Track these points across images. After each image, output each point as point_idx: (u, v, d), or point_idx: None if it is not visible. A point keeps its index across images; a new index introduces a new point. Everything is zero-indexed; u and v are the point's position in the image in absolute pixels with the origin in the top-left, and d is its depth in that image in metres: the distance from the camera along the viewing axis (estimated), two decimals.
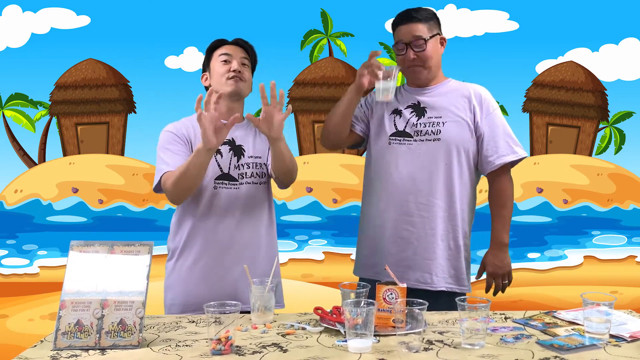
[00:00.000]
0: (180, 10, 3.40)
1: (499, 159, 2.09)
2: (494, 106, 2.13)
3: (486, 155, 2.10)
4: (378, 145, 2.17)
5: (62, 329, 1.55)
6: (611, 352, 1.45)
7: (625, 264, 3.42)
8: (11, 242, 3.41)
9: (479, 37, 3.41)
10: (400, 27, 2.10)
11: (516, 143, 2.13)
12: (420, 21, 2.08)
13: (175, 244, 2.08)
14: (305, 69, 3.48)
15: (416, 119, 2.12)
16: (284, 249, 3.40)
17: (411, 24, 2.08)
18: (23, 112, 3.42)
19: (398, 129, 2.13)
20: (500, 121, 2.12)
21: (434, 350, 1.49)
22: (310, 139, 3.50)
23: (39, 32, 3.39)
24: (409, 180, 2.09)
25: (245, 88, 2.10)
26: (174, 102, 3.36)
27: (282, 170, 2.02)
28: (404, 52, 2.09)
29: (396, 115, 2.15)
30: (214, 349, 1.47)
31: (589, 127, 3.48)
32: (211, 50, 2.13)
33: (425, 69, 2.11)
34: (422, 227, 2.08)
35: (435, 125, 2.09)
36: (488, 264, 2.15)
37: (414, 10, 2.10)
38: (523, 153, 2.12)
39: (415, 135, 2.10)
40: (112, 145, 3.46)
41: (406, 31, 2.08)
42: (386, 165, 2.13)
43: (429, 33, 2.09)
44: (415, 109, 2.13)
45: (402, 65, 2.13)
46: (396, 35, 2.13)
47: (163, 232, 2.17)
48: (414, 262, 2.08)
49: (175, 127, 2.08)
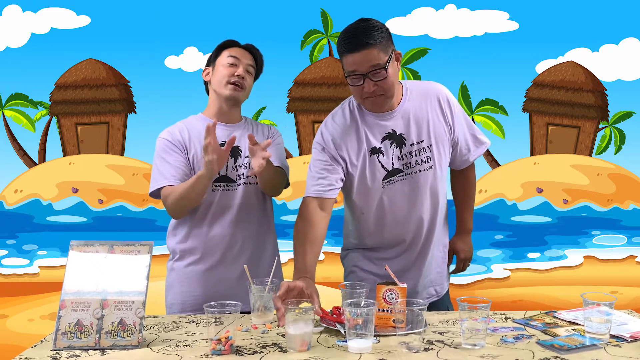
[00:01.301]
0: (180, 10, 3.40)
1: (472, 155, 2.07)
2: (455, 103, 1.99)
3: (461, 154, 2.03)
4: (368, 193, 1.94)
5: (62, 329, 1.55)
6: (611, 353, 1.45)
7: (625, 264, 3.42)
8: (11, 242, 3.41)
9: (479, 37, 3.41)
10: (351, 55, 1.78)
11: (479, 132, 2.07)
12: (375, 46, 1.77)
13: (175, 244, 2.08)
14: (305, 69, 3.48)
15: (398, 150, 1.91)
16: (284, 249, 3.39)
17: (365, 50, 1.76)
18: (23, 112, 3.42)
19: (387, 170, 1.91)
20: (463, 116, 2.02)
21: (434, 350, 1.49)
22: (310, 139, 3.50)
23: (39, 32, 3.39)
24: (408, 216, 1.95)
25: (242, 96, 2.11)
26: (174, 102, 3.36)
27: (265, 188, 2.09)
28: (361, 83, 1.81)
29: (377, 155, 1.90)
30: (214, 349, 1.47)
31: (589, 127, 3.48)
32: (221, 48, 2.13)
33: (387, 97, 1.85)
34: (424, 254, 2.01)
35: (422, 153, 1.91)
36: (460, 250, 2.20)
37: (364, 34, 1.77)
38: (487, 141, 2.08)
39: (405, 169, 1.91)
40: (112, 145, 3.46)
41: (360, 60, 1.77)
42: (379, 209, 1.95)
43: (386, 56, 1.79)
44: (392, 139, 1.90)
45: (358, 97, 1.87)
46: (347, 65, 1.81)
47: (163, 232, 2.17)
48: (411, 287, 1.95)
49: (171, 133, 2.08)
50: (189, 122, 2.11)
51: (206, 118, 2.10)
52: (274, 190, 2.11)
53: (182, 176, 2.00)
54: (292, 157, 3.43)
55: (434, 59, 3.42)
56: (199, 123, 2.09)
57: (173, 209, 2.02)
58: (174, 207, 2.00)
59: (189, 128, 2.08)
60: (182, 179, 2.00)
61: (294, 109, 3.49)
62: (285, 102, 3.48)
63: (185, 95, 3.36)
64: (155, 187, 2.02)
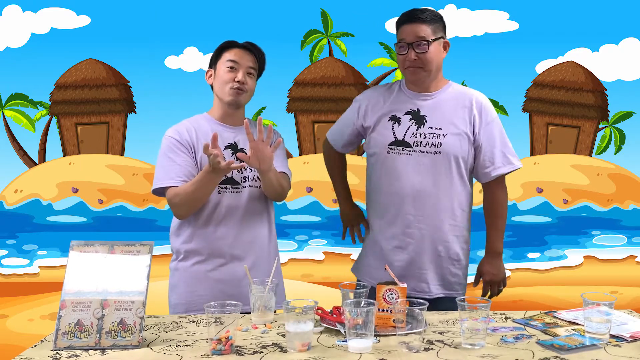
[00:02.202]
0: (180, 10, 3.40)
1: (495, 170, 2.09)
2: (492, 116, 2.11)
3: (483, 166, 2.10)
4: (375, 154, 2.13)
5: (62, 329, 1.55)
6: (611, 352, 1.45)
7: (625, 264, 3.42)
8: (11, 242, 3.41)
9: (479, 37, 3.41)
10: (404, 26, 2.05)
11: (512, 153, 2.12)
12: (425, 22, 2.03)
13: (179, 244, 2.08)
14: (305, 69, 3.48)
15: (415, 127, 2.07)
16: (284, 249, 3.40)
17: (416, 24, 2.03)
18: (23, 112, 3.42)
19: (397, 138, 2.08)
20: (498, 131, 2.11)
21: (434, 350, 1.49)
22: (310, 139, 3.50)
23: (39, 32, 3.39)
24: (411, 193, 2.06)
25: (245, 99, 2.11)
26: (174, 102, 3.36)
27: (270, 194, 2.08)
28: (405, 52, 2.05)
29: (394, 123, 2.09)
30: (214, 349, 1.48)
31: (589, 127, 3.48)
32: (220, 51, 2.11)
33: (425, 71, 2.06)
34: (428, 238, 2.07)
35: (436, 137, 2.05)
36: (485, 272, 2.18)
37: (420, 11, 2.05)
38: (518, 164, 2.13)
39: (415, 146, 2.06)
40: (112, 145, 3.46)
41: (410, 31, 2.03)
42: (386, 175, 2.10)
43: (433, 35, 2.04)
44: (414, 116, 2.08)
45: (402, 66, 2.10)
46: (399, 34, 2.08)
47: (163, 232, 2.17)
48: (411, 272, 2.08)
49: (178, 132, 2.07)
50: (196, 122, 2.11)
51: (212, 119, 2.11)
52: (277, 195, 2.10)
53: (187, 177, 2.01)
54: (292, 157, 3.43)
55: None
56: (206, 124, 2.10)
57: (181, 211, 2.02)
58: (181, 209, 2.01)
59: (197, 128, 2.08)
60: (188, 179, 2.00)
61: (294, 109, 3.49)
62: (285, 102, 3.48)
63: (185, 95, 3.36)
64: (158, 186, 2.02)
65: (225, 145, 2.05)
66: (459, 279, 2.14)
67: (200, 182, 1.94)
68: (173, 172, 2.01)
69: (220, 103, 2.10)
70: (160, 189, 2.03)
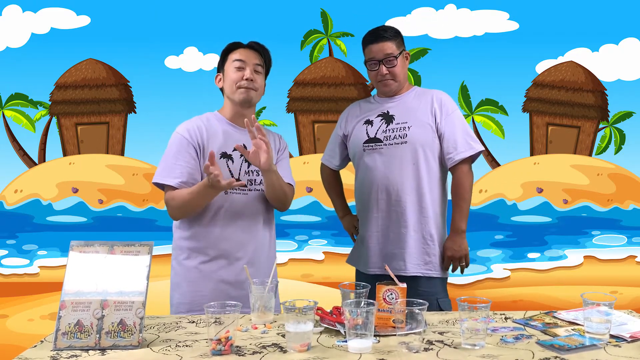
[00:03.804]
0: (180, 10, 3.41)
1: (458, 154, 2.29)
2: (452, 108, 2.33)
3: (447, 152, 2.30)
4: (355, 155, 2.40)
5: (62, 329, 1.55)
6: (611, 353, 1.45)
7: (625, 264, 3.42)
8: (11, 242, 3.41)
9: (479, 37, 3.42)
10: (371, 45, 2.32)
11: (474, 139, 2.32)
12: (390, 40, 2.30)
13: (183, 242, 2.09)
14: (305, 69, 3.48)
15: (385, 125, 2.33)
16: (284, 249, 3.40)
17: (382, 42, 2.30)
18: (23, 112, 3.42)
19: (370, 137, 2.34)
20: (458, 121, 2.32)
21: (434, 350, 1.49)
22: (310, 139, 3.50)
23: (39, 32, 3.39)
24: (383, 180, 2.29)
25: (256, 96, 2.13)
26: (174, 102, 3.36)
27: (273, 198, 2.10)
28: (377, 68, 2.32)
29: (368, 125, 2.36)
30: (214, 349, 1.48)
31: (589, 127, 3.48)
32: (226, 53, 2.14)
33: (396, 82, 2.33)
34: (397, 220, 2.28)
35: (402, 130, 2.30)
36: (447, 248, 2.32)
37: (383, 30, 2.33)
38: (479, 147, 2.31)
39: (385, 140, 2.32)
40: (112, 145, 3.47)
41: (378, 49, 2.30)
42: (363, 171, 2.36)
43: (398, 50, 2.32)
44: (384, 117, 2.35)
45: (374, 80, 2.36)
46: (367, 53, 2.34)
47: (163, 232, 2.18)
48: (391, 252, 2.29)
49: (189, 131, 2.08)
50: (207, 120, 2.12)
51: (223, 118, 2.13)
52: (279, 201, 2.12)
53: (188, 179, 2.02)
54: (292, 157, 3.43)
55: (434, 59, 3.43)
56: (217, 123, 2.11)
57: (176, 214, 2.06)
58: (176, 212, 2.05)
59: (207, 127, 2.09)
60: (188, 181, 2.02)
61: (294, 109, 3.49)
62: (285, 102, 3.48)
63: (185, 95, 3.36)
64: (158, 181, 2.05)
65: (233, 148, 2.07)
66: (434, 257, 2.29)
67: (198, 194, 1.96)
68: (175, 171, 2.02)
69: (232, 103, 2.12)
70: (160, 184, 2.06)
